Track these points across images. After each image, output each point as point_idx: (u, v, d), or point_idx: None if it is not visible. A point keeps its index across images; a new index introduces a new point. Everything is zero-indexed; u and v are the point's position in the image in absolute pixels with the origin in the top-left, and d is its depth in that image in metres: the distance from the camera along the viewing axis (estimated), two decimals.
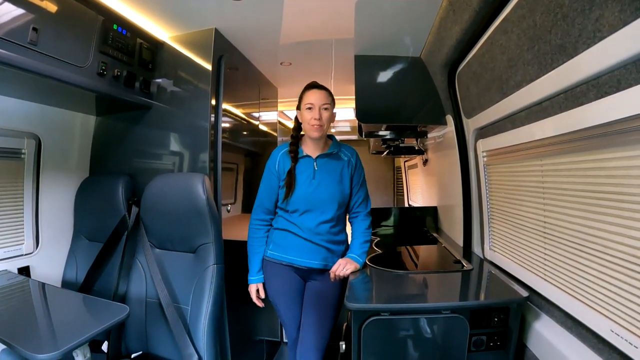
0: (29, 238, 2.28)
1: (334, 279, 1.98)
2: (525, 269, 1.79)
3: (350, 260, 2.00)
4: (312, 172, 2.02)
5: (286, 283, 2.04)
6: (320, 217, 2.01)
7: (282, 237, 2.05)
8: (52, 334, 1.46)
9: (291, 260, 2.02)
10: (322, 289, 2.04)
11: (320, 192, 2.00)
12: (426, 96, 2.78)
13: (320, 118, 1.93)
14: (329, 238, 2.04)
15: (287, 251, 2.03)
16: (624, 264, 1.13)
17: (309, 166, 2.03)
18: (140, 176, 2.42)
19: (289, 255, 2.02)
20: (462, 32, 1.91)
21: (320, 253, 2.03)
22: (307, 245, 2.01)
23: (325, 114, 1.96)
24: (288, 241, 2.03)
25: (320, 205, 2.01)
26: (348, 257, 2.03)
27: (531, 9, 1.38)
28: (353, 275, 1.93)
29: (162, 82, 2.46)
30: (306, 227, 2.00)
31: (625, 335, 1.12)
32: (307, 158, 2.04)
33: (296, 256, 2.02)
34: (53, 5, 1.71)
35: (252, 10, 2.18)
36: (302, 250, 2.01)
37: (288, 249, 2.03)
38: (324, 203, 2.01)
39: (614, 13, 1.00)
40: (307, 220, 2.00)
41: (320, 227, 2.01)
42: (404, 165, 5.38)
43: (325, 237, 2.03)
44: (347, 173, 2.08)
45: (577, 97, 1.28)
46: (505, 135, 1.89)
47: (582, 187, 1.34)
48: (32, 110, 2.21)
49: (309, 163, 2.04)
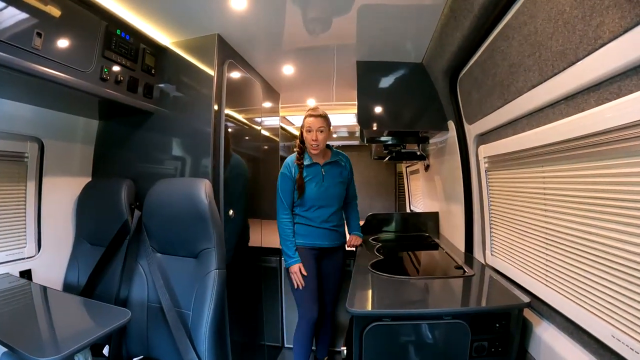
0: (31, 241, 2.27)
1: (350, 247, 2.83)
2: (527, 275, 1.79)
3: (356, 236, 2.87)
4: (321, 176, 2.59)
5: (311, 264, 2.57)
6: (330, 210, 2.62)
7: (303, 229, 2.60)
8: (53, 338, 1.46)
9: (313, 244, 2.59)
10: (335, 264, 2.75)
11: (329, 192, 2.59)
12: (428, 102, 2.79)
13: (317, 139, 2.49)
14: (336, 223, 2.68)
15: (309, 238, 2.59)
16: (625, 270, 1.13)
17: (318, 172, 2.59)
18: (143, 181, 2.41)
19: (311, 240, 2.60)
20: (463, 38, 1.92)
21: (332, 235, 2.66)
22: (322, 231, 2.61)
23: (320, 135, 2.50)
24: (308, 230, 2.59)
25: (329, 201, 2.60)
26: (354, 234, 2.88)
27: (532, 15, 1.39)
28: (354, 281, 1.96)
29: (164, 87, 2.47)
30: (320, 218, 2.59)
31: (627, 341, 1.12)
32: (316, 165, 2.59)
33: (316, 240, 2.60)
34: (57, 10, 1.72)
35: (255, 16, 2.20)
36: (319, 235, 2.61)
37: (308, 237, 2.59)
38: (332, 199, 2.62)
39: (614, 20, 1.00)
40: (321, 214, 2.59)
41: (331, 217, 2.63)
42: (406, 171, 5.38)
43: (334, 223, 2.66)
44: (345, 175, 2.72)
45: (578, 103, 1.29)
46: (506, 141, 1.89)
47: (583, 194, 1.34)
48: (35, 114, 2.21)
49: (318, 169, 2.59)
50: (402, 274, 2.09)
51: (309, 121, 2.50)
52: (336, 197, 2.64)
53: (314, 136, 2.48)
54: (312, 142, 2.49)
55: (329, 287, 2.76)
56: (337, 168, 2.66)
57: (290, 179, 2.54)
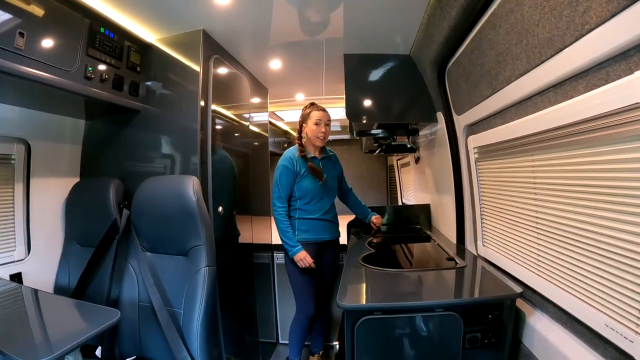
0: (21, 244, 2.25)
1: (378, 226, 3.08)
2: (519, 265, 1.79)
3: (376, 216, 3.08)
4: None
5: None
6: (329, 203, 2.74)
7: (304, 223, 2.66)
8: (44, 340, 1.44)
9: (315, 239, 2.66)
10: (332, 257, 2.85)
11: (327, 184, 2.70)
12: (416, 94, 2.79)
13: (325, 132, 2.64)
14: (333, 215, 2.79)
15: (310, 233, 2.66)
16: (617, 258, 1.13)
17: (316, 165, 2.68)
18: (131, 179, 2.39)
19: (312, 235, 2.66)
20: (450, 29, 1.91)
21: (331, 228, 2.76)
22: (322, 223, 2.69)
23: (328, 129, 2.67)
24: (309, 225, 2.66)
25: (327, 194, 2.72)
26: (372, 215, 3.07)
27: (519, 2, 1.38)
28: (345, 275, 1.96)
29: (150, 85, 2.45)
30: (320, 211, 2.68)
31: (621, 330, 1.12)
32: (315, 159, 2.70)
33: (317, 234, 2.67)
34: (40, 9, 1.69)
35: (240, 11, 2.18)
36: (321, 228, 2.69)
37: (309, 231, 2.66)
38: (329, 192, 2.75)
39: (601, 5, 0.99)
40: (320, 206, 2.68)
41: (330, 209, 2.75)
42: (397, 164, 5.38)
43: (332, 214, 2.78)
44: (338, 169, 2.90)
45: (566, 90, 1.28)
46: (495, 131, 1.89)
47: (573, 182, 1.34)
48: (20, 116, 2.19)
49: (316, 163, 2.69)
50: (393, 267, 2.08)
51: (318, 114, 2.64)
52: (332, 189, 2.80)
53: (322, 128, 2.62)
54: (320, 134, 2.62)
55: (325, 281, 2.85)
56: (331, 163, 2.82)
57: (293, 173, 2.60)
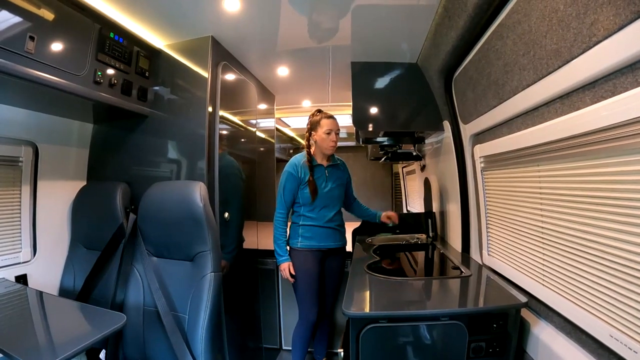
0: (27, 246, 2.26)
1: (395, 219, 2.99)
2: (524, 275, 1.79)
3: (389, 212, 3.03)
4: (325, 177, 2.67)
5: (315, 267, 2.62)
6: (333, 210, 2.69)
7: (308, 230, 2.63)
8: (49, 343, 1.45)
9: (319, 246, 2.63)
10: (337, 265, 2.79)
11: (332, 192, 2.67)
12: (423, 102, 2.80)
13: (336, 140, 2.62)
14: (339, 223, 2.75)
15: (314, 240, 2.63)
16: (622, 269, 1.13)
17: (322, 173, 2.67)
18: (138, 184, 2.40)
19: (316, 242, 2.63)
20: (458, 38, 1.91)
21: (336, 235, 2.71)
22: (327, 231, 2.66)
23: (337, 137, 2.64)
24: (313, 232, 2.63)
25: (332, 201, 2.68)
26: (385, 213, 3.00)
27: (526, 13, 1.39)
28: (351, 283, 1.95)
29: (159, 90, 2.46)
30: (325, 218, 2.64)
31: (625, 340, 1.11)
32: (321, 166, 2.67)
33: (321, 242, 2.64)
34: (50, 13, 1.71)
35: (248, 17, 2.19)
36: (325, 236, 2.65)
37: (313, 239, 2.63)
38: (335, 199, 2.71)
39: (609, 17, 1.00)
40: (325, 213, 2.65)
41: (335, 217, 2.69)
42: (402, 171, 5.38)
43: (338, 223, 2.73)
44: (344, 177, 2.83)
45: (573, 102, 1.28)
46: (501, 140, 1.89)
47: (579, 193, 1.34)
48: (29, 118, 2.21)
49: (322, 170, 2.67)
50: (399, 275, 2.08)
51: (329, 122, 2.62)
52: (338, 198, 2.74)
53: (334, 137, 2.61)
54: (332, 142, 2.60)
55: (329, 288, 2.82)
56: (337, 171, 2.77)
57: (297, 179, 2.59)
